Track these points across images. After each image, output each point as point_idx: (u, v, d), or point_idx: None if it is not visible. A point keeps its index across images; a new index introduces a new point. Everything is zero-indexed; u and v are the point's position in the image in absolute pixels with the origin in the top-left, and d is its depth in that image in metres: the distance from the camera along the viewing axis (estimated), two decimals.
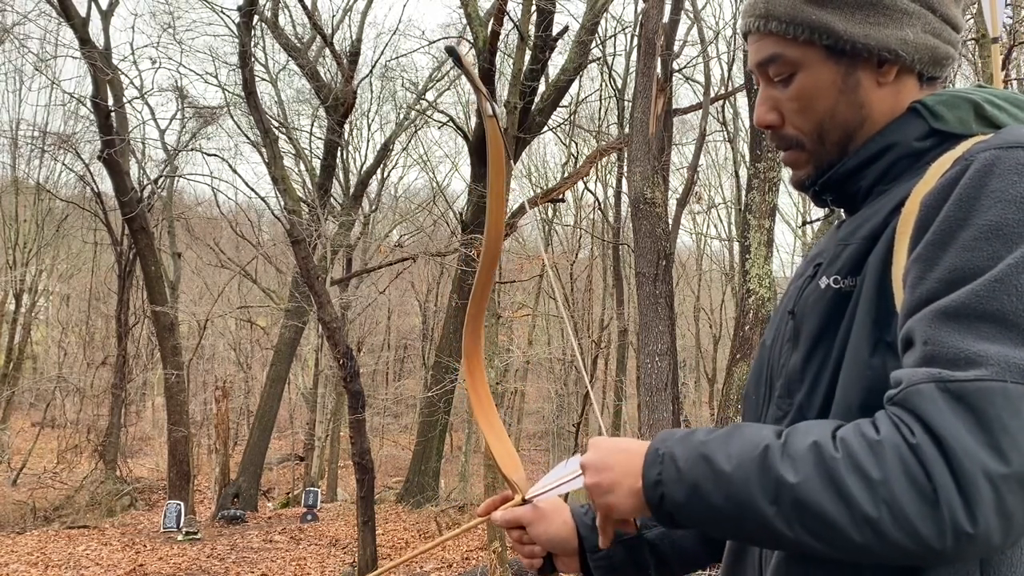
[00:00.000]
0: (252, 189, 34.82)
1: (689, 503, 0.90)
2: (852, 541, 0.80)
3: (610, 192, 19.50)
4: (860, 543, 0.80)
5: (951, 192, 0.86)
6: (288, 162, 17.12)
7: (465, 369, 1.34)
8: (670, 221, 9.62)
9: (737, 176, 17.60)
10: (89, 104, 14.88)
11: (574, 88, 16.51)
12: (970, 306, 0.80)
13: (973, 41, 7.29)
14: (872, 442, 0.80)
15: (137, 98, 17.16)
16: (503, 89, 14.16)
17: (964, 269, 0.82)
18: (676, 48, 11.23)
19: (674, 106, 10.91)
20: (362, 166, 20.61)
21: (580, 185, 18.51)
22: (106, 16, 15.44)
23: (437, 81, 19.17)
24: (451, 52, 1.09)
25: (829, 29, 1.02)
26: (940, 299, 0.82)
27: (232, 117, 18.13)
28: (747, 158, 9.77)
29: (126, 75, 16.86)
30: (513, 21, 11.86)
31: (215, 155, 18.30)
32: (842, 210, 1.14)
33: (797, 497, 0.82)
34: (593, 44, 14.58)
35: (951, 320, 0.81)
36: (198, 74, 29.89)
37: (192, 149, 18.34)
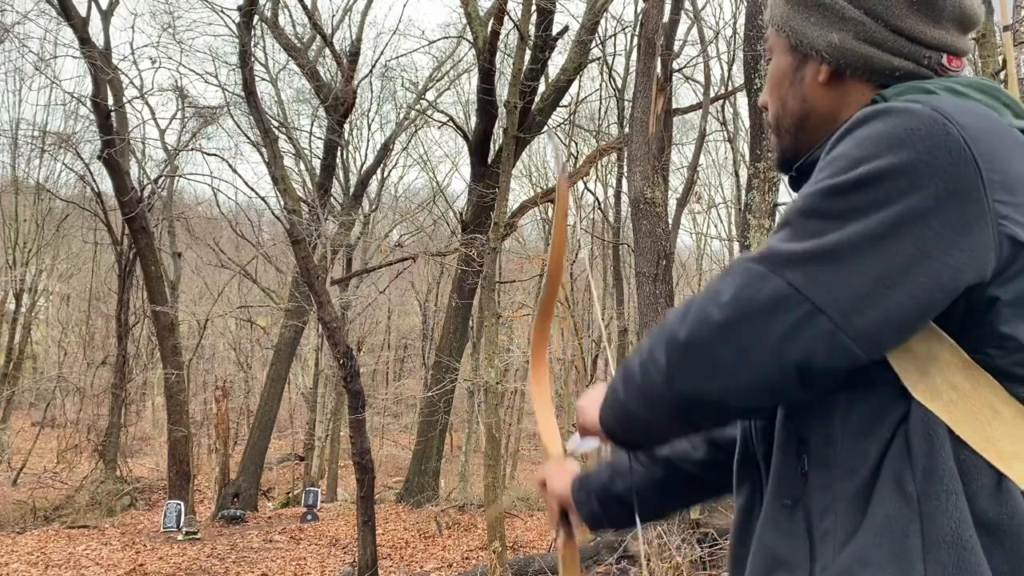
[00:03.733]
0: (252, 189, 34.73)
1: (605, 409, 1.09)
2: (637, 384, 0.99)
3: (610, 192, 19.49)
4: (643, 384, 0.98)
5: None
6: (288, 162, 17.11)
7: (532, 357, 1.57)
8: (670, 221, 9.62)
9: (737, 176, 17.58)
10: (89, 104, 14.87)
11: (574, 88, 16.52)
12: (786, 216, 0.94)
13: (973, 41, 7.27)
14: None
15: (137, 98, 17.15)
16: (503, 89, 14.15)
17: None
18: (676, 48, 11.24)
19: (674, 106, 10.91)
20: (362, 166, 20.60)
21: (580, 185, 18.49)
22: (106, 16, 15.42)
23: (437, 81, 19.18)
24: (551, 137, 1.37)
25: (788, 24, 1.11)
26: None
27: (232, 117, 18.12)
28: (747, 158, 9.76)
29: (126, 75, 16.87)
30: (513, 21, 11.84)
31: (215, 155, 18.28)
32: None
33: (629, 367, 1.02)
34: (593, 44, 14.57)
35: (779, 228, 0.95)
36: (198, 74, 29.90)
37: (192, 149, 18.32)
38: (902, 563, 0.87)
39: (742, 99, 16.48)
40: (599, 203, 20.07)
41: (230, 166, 34.07)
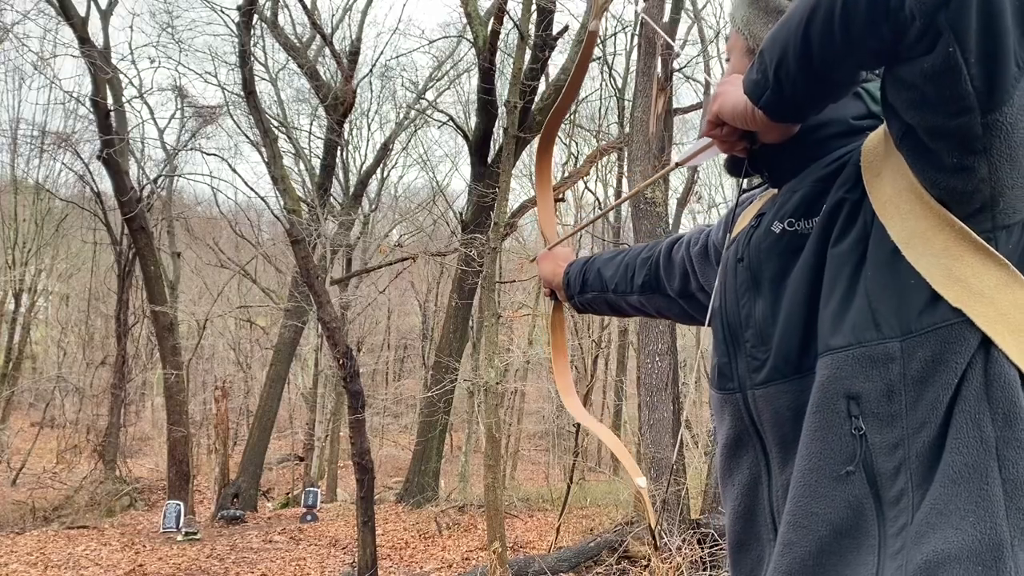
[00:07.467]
0: (252, 189, 34.85)
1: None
2: None
3: (610, 192, 19.49)
4: None
5: None
6: (288, 162, 17.10)
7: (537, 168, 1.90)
8: (670, 221, 9.61)
9: None
10: (88, 103, 14.85)
11: None
12: None
13: None
14: None
15: (136, 97, 17.14)
16: (503, 88, 14.15)
17: None
18: (676, 48, 11.21)
19: (674, 106, 10.89)
20: (362, 166, 20.58)
21: (580, 185, 18.50)
22: (105, 15, 15.41)
23: (437, 81, 19.16)
24: None
25: (748, 27, 1.15)
26: None
27: (232, 117, 18.11)
28: None
29: (125, 74, 16.83)
30: (513, 20, 11.83)
31: (215, 155, 18.31)
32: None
33: None
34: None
35: None
36: (198, 73, 29.75)
37: (192, 149, 18.32)
38: (983, 511, 0.84)
39: None
40: (599, 203, 20.07)
41: (230, 166, 34.17)
